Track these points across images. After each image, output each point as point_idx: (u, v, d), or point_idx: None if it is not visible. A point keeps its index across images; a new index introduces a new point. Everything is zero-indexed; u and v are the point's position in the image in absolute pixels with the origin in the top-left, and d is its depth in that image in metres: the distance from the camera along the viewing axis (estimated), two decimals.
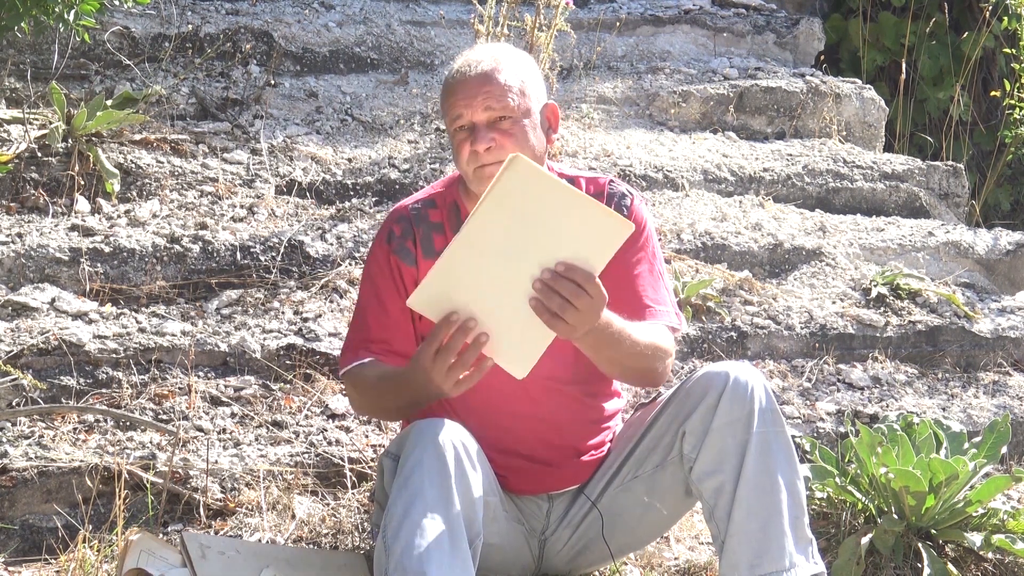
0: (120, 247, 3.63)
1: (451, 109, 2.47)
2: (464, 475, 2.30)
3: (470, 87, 2.44)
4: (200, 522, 2.89)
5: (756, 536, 2.39)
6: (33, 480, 2.87)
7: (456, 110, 2.45)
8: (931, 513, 2.95)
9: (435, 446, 2.29)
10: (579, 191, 2.22)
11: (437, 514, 2.24)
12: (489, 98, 2.43)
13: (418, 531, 2.22)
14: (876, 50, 6.76)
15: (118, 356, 3.28)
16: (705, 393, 2.47)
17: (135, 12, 4.72)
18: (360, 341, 2.56)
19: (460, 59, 2.52)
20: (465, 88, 2.44)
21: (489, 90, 2.43)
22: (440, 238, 2.57)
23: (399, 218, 2.61)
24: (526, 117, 2.46)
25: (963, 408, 3.74)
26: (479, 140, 2.43)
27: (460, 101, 2.44)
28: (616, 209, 2.55)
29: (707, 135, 5.02)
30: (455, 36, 5.28)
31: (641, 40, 5.66)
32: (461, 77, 2.46)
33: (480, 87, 2.44)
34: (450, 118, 2.48)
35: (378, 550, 2.28)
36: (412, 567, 2.19)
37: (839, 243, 4.42)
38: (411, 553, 2.20)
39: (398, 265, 2.56)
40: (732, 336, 3.83)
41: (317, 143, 4.43)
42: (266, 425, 3.20)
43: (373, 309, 2.58)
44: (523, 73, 2.49)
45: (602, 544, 2.64)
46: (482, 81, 2.44)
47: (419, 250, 2.56)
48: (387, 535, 2.26)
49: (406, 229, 2.58)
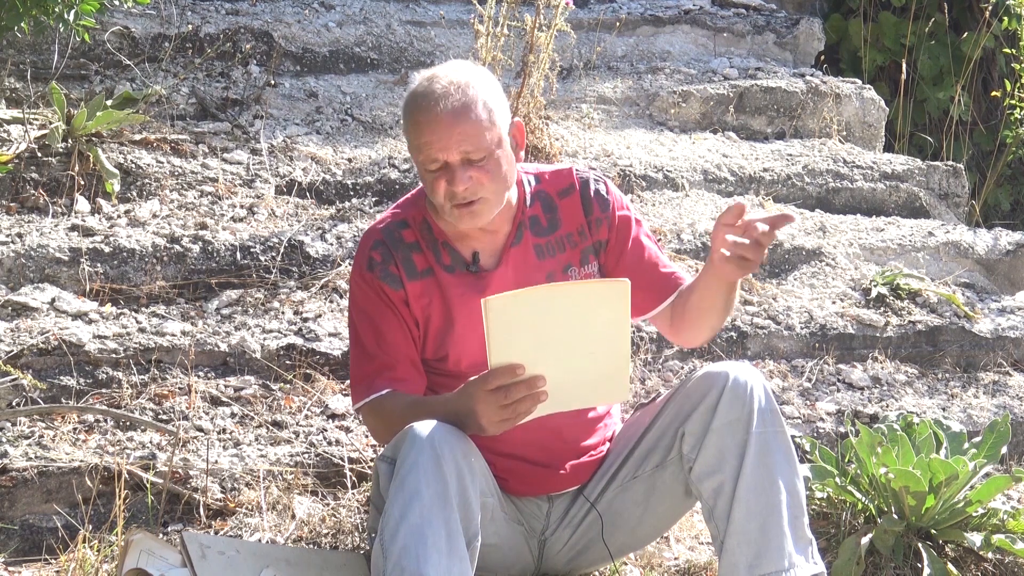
0: (120, 247, 3.63)
1: (423, 149, 2.40)
2: (461, 477, 2.30)
3: (442, 127, 2.37)
4: (200, 522, 2.89)
5: (755, 536, 2.39)
6: (33, 480, 2.87)
7: (430, 152, 2.39)
8: (931, 513, 2.95)
9: (431, 448, 2.29)
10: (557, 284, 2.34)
11: (434, 516, 2.24)
12: (464, 140, 2.38)
13: (415, 533, 2.22)
14: (876, 50, 6.76)
15: (118, 356, 3.28)
16: (705, 393, 2.47)
17: (135, 12, 4.72)
18: (371, 373, 2.54)
19: (420, 85, 2.43)
20: (437, 128, 2.37)
21: (463, 131, 2.37)
22: (419, 257, 2.55)
23: (375, 243, 2.57)
24: (499, 148, 2.43)
25: (963, 408, 3.74)
26: (458, 181, 2.39)
27: (434, 143, 2.38)
28: (594, 195, 2.60)
29: (707, 135, 5.02)
30: (455, 36, 5.28)
31: (641, 40, 5.66)
32: (431, 115, 2.38)
33: (453, 127, 2.37)
34: (423, 157, 2.41)
35: (375, 553, 2.28)
36: (410, 569, 2.19)
37: (839, 243, 4.42)
38: (409, 555, 2.20)
39: (383, 290, 2.54)
40: (732, 336, 3.83)
41: (317, 143, 4.43)
42: (266, 425, 3.20)
43: (371, 339, 2.56)
44: (490, 100, 2.42)
45: (602, 544, 2.64)
46: (454, 120, 2.37)
47: (403, 274, 2.54)
48: (384, 537, 2.26)
49: (385, 254, 2.55)
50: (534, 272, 2.56)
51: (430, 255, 2.55)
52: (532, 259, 2.57)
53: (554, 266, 2.58)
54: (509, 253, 2.56)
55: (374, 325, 2.55)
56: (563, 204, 2.61)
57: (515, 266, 2.56)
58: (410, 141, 2.45)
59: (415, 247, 2.55)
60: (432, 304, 2.55)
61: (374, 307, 2.56)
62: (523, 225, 2.57)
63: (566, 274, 2.58)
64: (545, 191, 2.61)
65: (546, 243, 2.58)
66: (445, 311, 2.54)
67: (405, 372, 2.54)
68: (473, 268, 2.54)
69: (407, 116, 2.45)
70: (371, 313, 2.56)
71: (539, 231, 2.58)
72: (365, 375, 2.54)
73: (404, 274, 2.54)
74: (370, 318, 2.56)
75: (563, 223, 2.60)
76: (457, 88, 2.40)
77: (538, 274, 2.56)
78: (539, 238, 2.58)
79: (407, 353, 2.55)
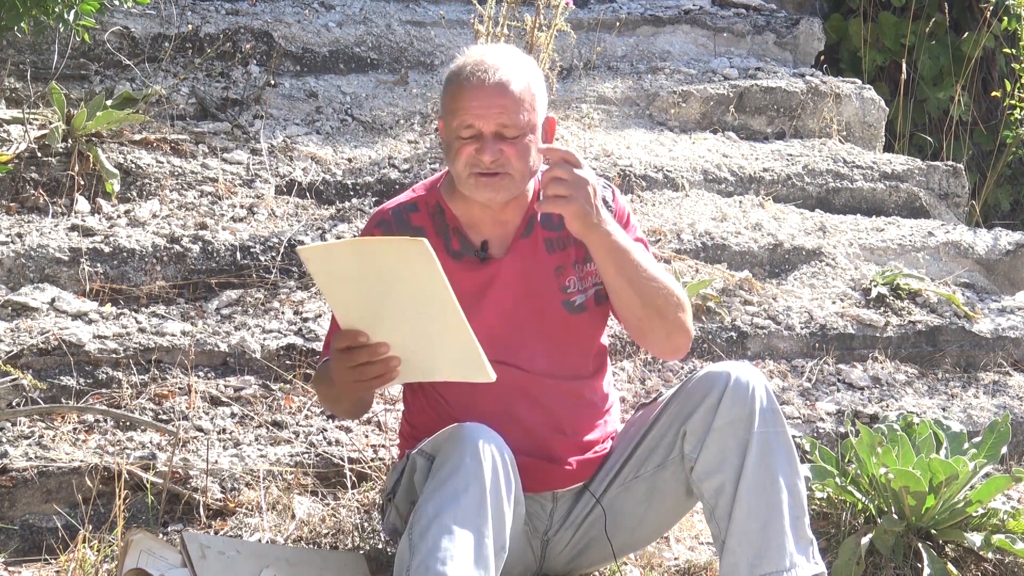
0: (120, 247, 3.63)
1: (460, 114, 2.42)
2: (499, 487, 2.30)
3: (485, 97, 2.40)
4: (200, 522, 2.89)
5: (756, 536, 2.39)
6: (33, 480, 2.87)
7: (467, 117, 2.42)
8: (931, 513, 2.95)
9: (475, 452, 2.30)
10: (364, 239, 2.31)
11: (468, 522, 2.24)
12: (504, 113, 2.40)
13: (447, 535, 2.22)
14: (876, 50, 6.76)
15: (118, 356, 3.28)
16: (706, 393, 2.47)
17: (135, 12, 4.72)
18: (328, 340, 2.59)
19: (471, 58, 2.47)
20: (480, 97, 2.41)
21: (504, 104, 2.40)
22: None
23: (380, 222, 2.59)
24: (532, 133, 2.44)
25: (963, 408, 3.74)
26: (486, 150, 2.41)
27: (473, 110, 2.41)
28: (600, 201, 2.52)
29: (707, 135, 5.02)
30: (455, 36, 5.28)
31: (641, 40, 5.66)
32: (476, 83, 2.41)
33: (496, 99, 2.40)
34: (457, 122, 2.43)
35: (402, 546, 2.28)
36: (434, 569, 2.19)
37: (839, 243, 4.42)
38: (435, 556, 2.20)
39: None
40: (732, 336, 3.83)
41: (317, 143, 4.43)
42: (266, 425, 3.20)
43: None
44: (534, 86, 2.46)
45: (603, 544, 2.64)
46: (498, 92, 2.40)
47: None
48: (414, 533, 2.25)
49: (387, 233, 2.56)
50: (542, 264, 2.57)
51: (438, 241, 2.54)
52: (542, 252, 2.57)
53: (563, 260, 2.58)
54: (518, 244, 2.57)
55: None
56: None
57: (523, 257, 2.56)
58: (447, 105, 2.46)
59: (419, 231, 2.55)
60: None
61: None
62: (534, 218, 2.57)
63: (572, 269, 2.58)
64: None
65: (556, 237, 2.58)
66: None
67: None
68: (482, 255, 2.55)
69: (450, 82, 2.46)
70: None
71: (550, 225, 2.58)
72: (326, 343, 2.60)
73: None
74: None
75: None
76: (508, 65, 2.43)
77: (546, 266, 2.57)
78: (550, 232, 2.58)
79: None
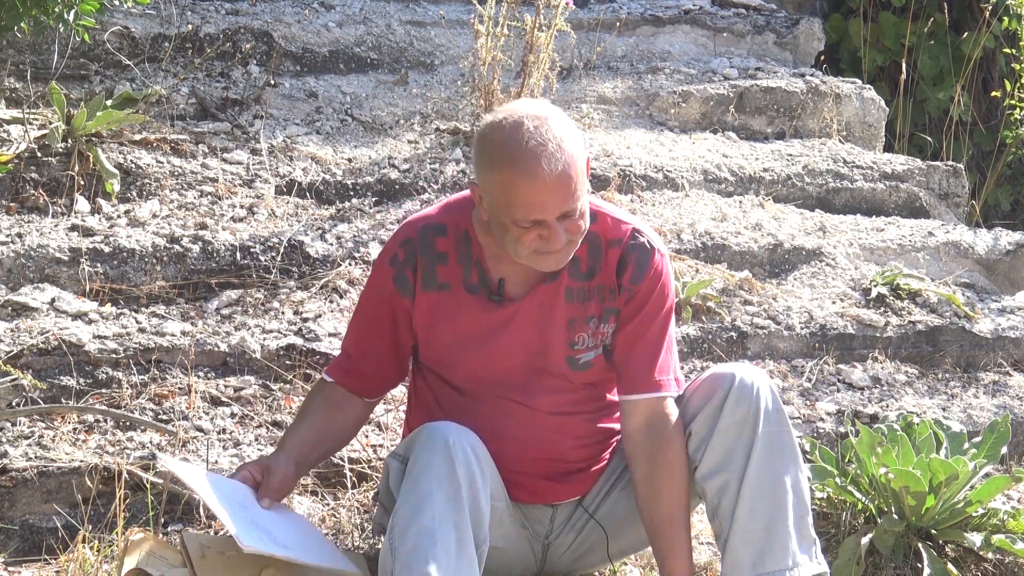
0: (120, 247, 3.63)
1: (521, 208, 2.30)
2: (473, 481, 2.30)
3: (546, 191, 2.29)
4: (200, 522, 2.89)
5: (759, 535, 2.39)
6: (33, 480, 2.87)
7: (529, 214, 2.31)
8: (931, 513, 2.95)
9: (445, 450, 2.29)
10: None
11: (445, 518, 2.24)
12: (568, 200, 2.31)
13: (425, 534, 2.22)
14: (876, 50, 6.76)
15: (118, 356, 3.28)
16: (711, 395, 2.47)
17: (135, 12, 4.72)
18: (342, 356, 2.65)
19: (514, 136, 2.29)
20: (541, 191, 2.29)
21: (566, 194, 2.30)
22: (443, 269, 2.50)
23: (405, 240, 2.53)
24: (585, 194, 2.37)
25: (963, 408, 3.74)
26: (556, 238, 2.32)
27: (536, 205, 2.29)
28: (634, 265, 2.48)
29: (707, 135, 5.02)
30: (455, 36, 5.28)
31: (641, 40, 5.66)
32: (535, 177, 2.28)
33: (556, 191, 2.29)
34: (519, 215, 2.31)
35: (384, 551, 2.28)
36: (418, 569, 2.19)
37: (839, 243, 4.42)
38: (418, 556, 2.20)
39: (393, 295, 2.52)
40: (732, 336, 3.83)
41: (317, 143, 4.43)
42: (266, 425, 3.20)
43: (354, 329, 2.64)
44: (578, 152, 2.33)
45: (604, 548, 2.65)
46: (558, 184, 2.29)
47: (419, 282, 2.50)
48: (394, 537, 2.26)
49: (409, 255, 2.51)
50: (558, 314, 2.49)
51: (458, 270, 2.50)
52: (560, 300, 2.49)
53: (577, 313, 2.50)
54: (539, 289, 2.49)
55: (364, 318, 2.60)
56: (609, 253, 2.50)
57: (541, 303, 2.49)
58: (500, 195, 2.33)
59: (442, 258, 2.50)
60: (441, 319, 2.52)
61: (375, 307, 2.57)
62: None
63: (586, 325, 2.50)
64: (597, 233, 2.50)
65: (579, 288, 2.50)
66: (454, 329, 2.51)
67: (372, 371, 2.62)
68: (495, 297, 2.49)
69: (501, 168, 2.31)
70: (369, 311, 2.59)
71: (576, 274, 2.49)
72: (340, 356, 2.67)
73: (420, 283, 2.50)
74: (367, 311, 2.59)
75: (602, 273, 2.50)
76: (557, 147, 2.29)
77: (560, 317, 2.49)
78: (575, 281, 2.50)
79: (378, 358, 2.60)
